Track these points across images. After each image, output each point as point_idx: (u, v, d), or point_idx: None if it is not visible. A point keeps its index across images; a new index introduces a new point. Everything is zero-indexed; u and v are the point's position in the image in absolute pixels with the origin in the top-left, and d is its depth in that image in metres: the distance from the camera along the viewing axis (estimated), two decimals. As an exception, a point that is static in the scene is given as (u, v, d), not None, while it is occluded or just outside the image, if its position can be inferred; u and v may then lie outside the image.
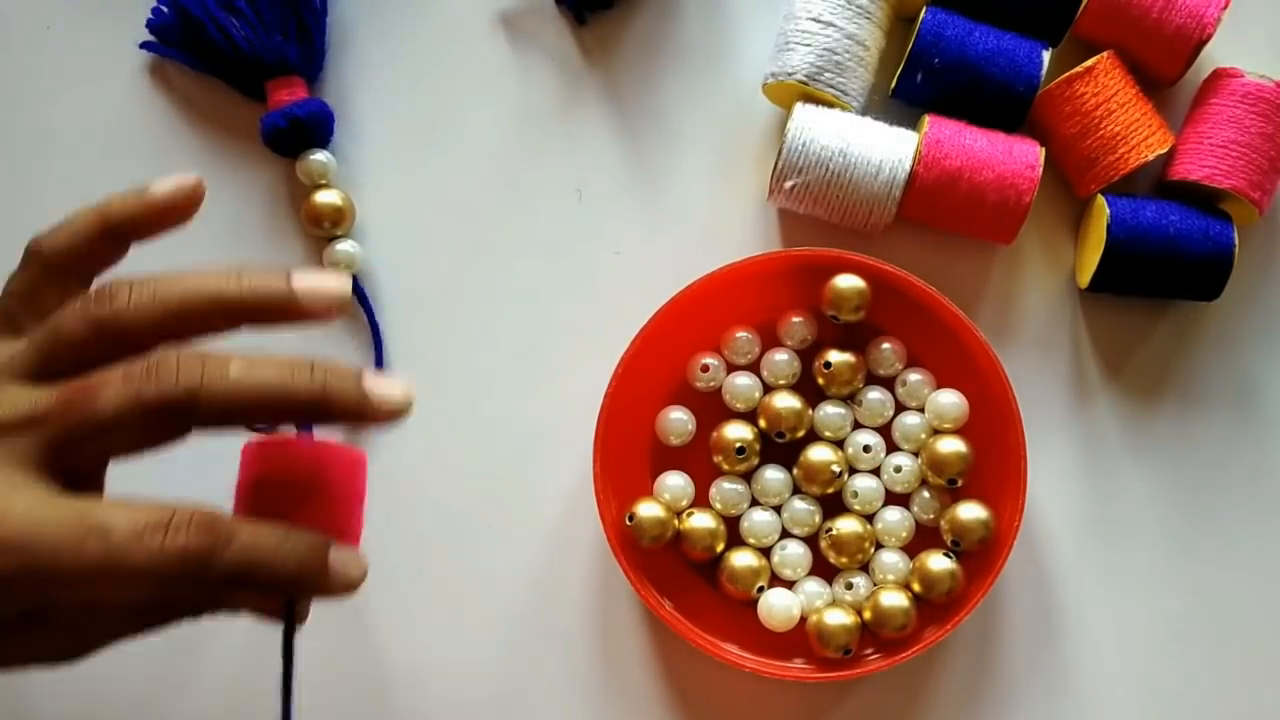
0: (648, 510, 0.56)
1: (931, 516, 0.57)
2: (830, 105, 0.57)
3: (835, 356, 0.57)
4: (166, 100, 0.62)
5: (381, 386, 0.41)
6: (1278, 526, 0.59)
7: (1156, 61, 0.58)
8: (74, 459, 0.39)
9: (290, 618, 0.43)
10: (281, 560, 0.40)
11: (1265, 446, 0.59)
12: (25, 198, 0.60)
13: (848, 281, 0.56)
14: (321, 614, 0.59)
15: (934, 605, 0.55)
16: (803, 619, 0.56)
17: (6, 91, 0.62)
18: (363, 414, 0.41)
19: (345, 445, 0.45)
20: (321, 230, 0.60)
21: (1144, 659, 0.58)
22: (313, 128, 0.59)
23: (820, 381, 0.57)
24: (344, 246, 0.60)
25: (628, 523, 0.55)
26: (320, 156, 0.60)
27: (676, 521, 0.56)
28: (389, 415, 0.41)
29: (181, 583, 0.38)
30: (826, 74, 0.57)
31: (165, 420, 0.39)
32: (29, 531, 0.37)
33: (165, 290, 0.40)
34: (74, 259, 0.43)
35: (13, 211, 0.61)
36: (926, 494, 0.57)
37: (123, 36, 0.61)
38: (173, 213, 0.44)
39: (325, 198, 0.60)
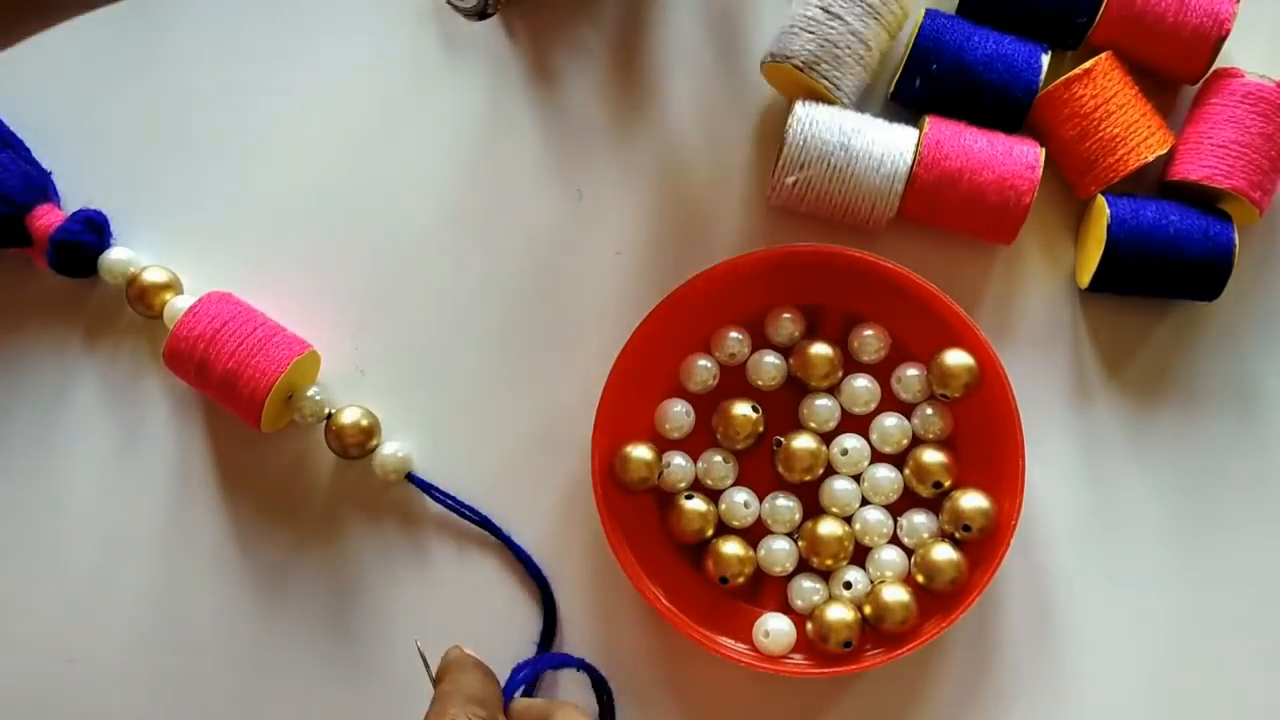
0: (639, 452, 0.56)
1: (920, 521, 0.57)
2: (821, 97, 0.57)
3: (816, 349, 0.57)
4: None
5: None
6: (1277, 527, 0.59)
7: (1179, 63, 0.58)
8: None
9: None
10: None
11: (1265, 446, 0.59)
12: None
13: (957, 359, 0.56)
14: (321, 612, 0.59)
15: (936, 596, 0.55)
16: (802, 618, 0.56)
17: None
18: None
19: None
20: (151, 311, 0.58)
21: (1143, 659, 0.58)
22: (100, 228, 0.58)
23: (799, 374, 0.57)
24: None
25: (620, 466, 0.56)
26: (120, 254, 0.59)
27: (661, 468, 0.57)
28: None
29: None
30: (823, 65, 0.57)
31: None
32: None
33: None
34: None
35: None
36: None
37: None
38: None
39: (153, 276, 0.58)
